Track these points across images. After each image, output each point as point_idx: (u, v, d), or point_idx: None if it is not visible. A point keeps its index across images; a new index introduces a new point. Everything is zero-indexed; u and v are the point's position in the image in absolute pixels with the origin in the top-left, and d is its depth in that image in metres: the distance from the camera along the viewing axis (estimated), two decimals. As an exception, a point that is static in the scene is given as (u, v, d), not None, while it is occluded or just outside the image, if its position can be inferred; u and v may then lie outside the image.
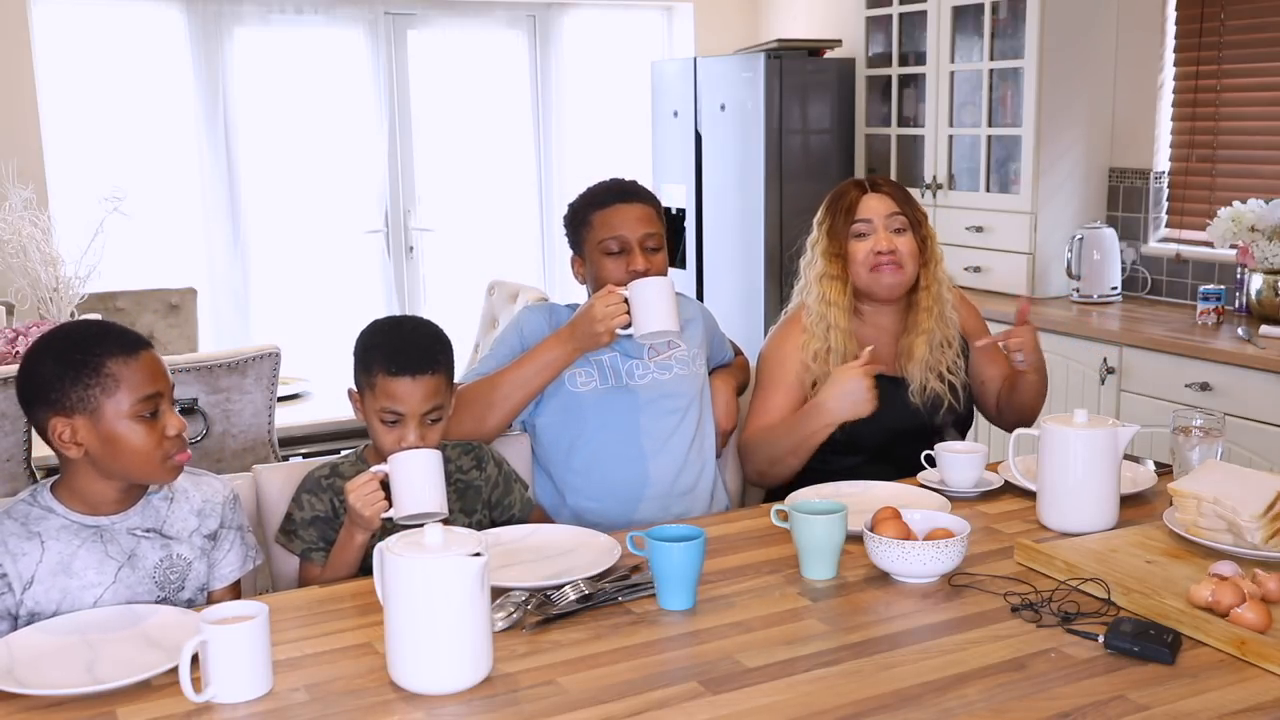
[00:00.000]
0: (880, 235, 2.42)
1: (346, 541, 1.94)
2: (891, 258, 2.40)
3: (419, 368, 1.99)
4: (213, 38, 5.22)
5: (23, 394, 1.77)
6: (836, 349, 2.38)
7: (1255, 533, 1.81)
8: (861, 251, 2.42)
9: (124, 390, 1.73)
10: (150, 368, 1.77)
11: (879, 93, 5.13)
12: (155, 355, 1.80)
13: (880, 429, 2.34)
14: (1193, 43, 4.22)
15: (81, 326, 1.83)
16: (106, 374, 1.72)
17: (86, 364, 1.72)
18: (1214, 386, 3.52)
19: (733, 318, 5.14)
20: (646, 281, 2.23)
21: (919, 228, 2.45)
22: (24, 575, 1.73)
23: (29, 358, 1.77)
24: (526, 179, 5.97)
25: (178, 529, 1.85)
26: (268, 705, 1.46)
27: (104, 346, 1.74)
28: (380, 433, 2.01)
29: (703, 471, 2.44)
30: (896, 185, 2.51)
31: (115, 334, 1.79)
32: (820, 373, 2.38)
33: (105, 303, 4.27)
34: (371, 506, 1.88)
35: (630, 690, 1.48)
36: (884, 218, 2.43)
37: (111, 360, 1.73)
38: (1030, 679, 1.50)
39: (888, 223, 2.43)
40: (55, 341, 1.77)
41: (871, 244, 2.42)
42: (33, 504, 1.78)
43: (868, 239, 2.43)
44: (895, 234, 2.42)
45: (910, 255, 2.42)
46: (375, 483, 1.89)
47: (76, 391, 1.72)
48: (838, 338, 2.39)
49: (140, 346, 1.78)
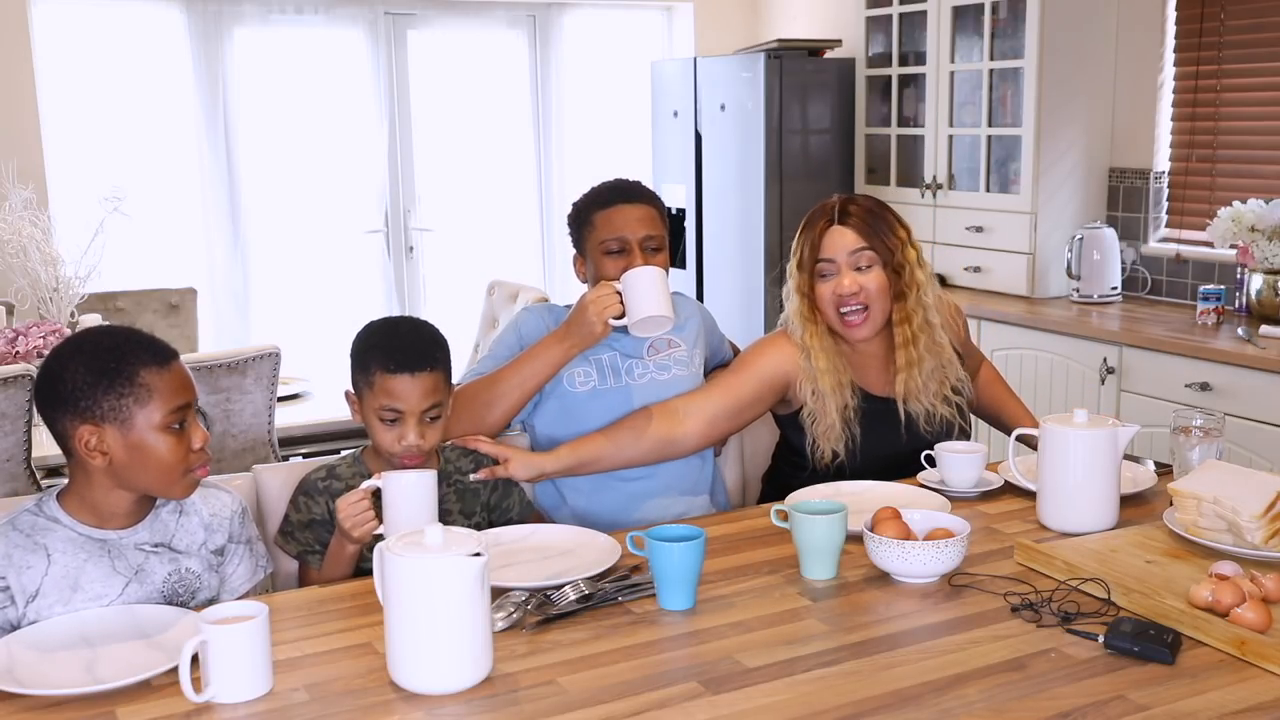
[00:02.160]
0: (843, 276, 2.29)
1: (338, 550, 1.95)
2: (855, 300, 2.28)
3: (417, 365, 1.99)
4: (213, 38, 5.22)
5: (46, 399, 1.74)
6: (821, 388, 2.31)
7: (1255, 533, 1.81)
8: (826, 294, 2.30)
9: (157, 401, 1.71)
10: (181, 379, 1.76)
11: (879, 93, 5.13)
12: (184, 366, 1.79)
13: (872, 461, 2.32)
14: (1193, 43, 4.22)
15: (112, 333, 1.80)
16: (140, 384, 1.70)
17: (120, 373, 1.70)
18: (1214, 386, 3.52)
19: (732, 318, 5.14)
20: (637, 270, 2.23)
21: (891, 258, 2.30)
22: (28, 589, 1.71)
23: (55, 362, 1.73)
24: (526, 179, 5.97)
25: (186, 543, 1.84)
26: (268, 705, 1.46)
27: (138, 356, 1.72)
28: (380, 431, 2.01)
29: (702, 471, 2.44)
30: (868, 212, 2.33)
31: (147, 343, 1.76)
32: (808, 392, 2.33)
33: (105, 303, 4.27)
34: (361, 527, 1.88)
35: (630, 690, 1.48)
36: (847, 255, 2.29)
37: (145, 371, 1.71)
38: (1030, 679, 1.50)
39: (851, 260, 2.29)
40: (85, 348, 1.74)
41: (834, 286, 2.29)
42: (38, 514, 1.76)
43: (830, 280, 2.30)
44: (859, 272, 2.28)
45: (879, 293, 2.28)
46: (366, 501, 1.88)
47: (109, 401, 1.69)
48: (823, 379, 2.30)
49: (171, 357, 1.77)
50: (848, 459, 2.32)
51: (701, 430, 2.31)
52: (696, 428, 2.30)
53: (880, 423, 2.34)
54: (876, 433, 2.33)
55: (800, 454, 2.38)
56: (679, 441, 2.30)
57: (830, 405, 2.30)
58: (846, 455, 2.31)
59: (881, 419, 2.34)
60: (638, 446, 2.28)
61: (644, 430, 2.28)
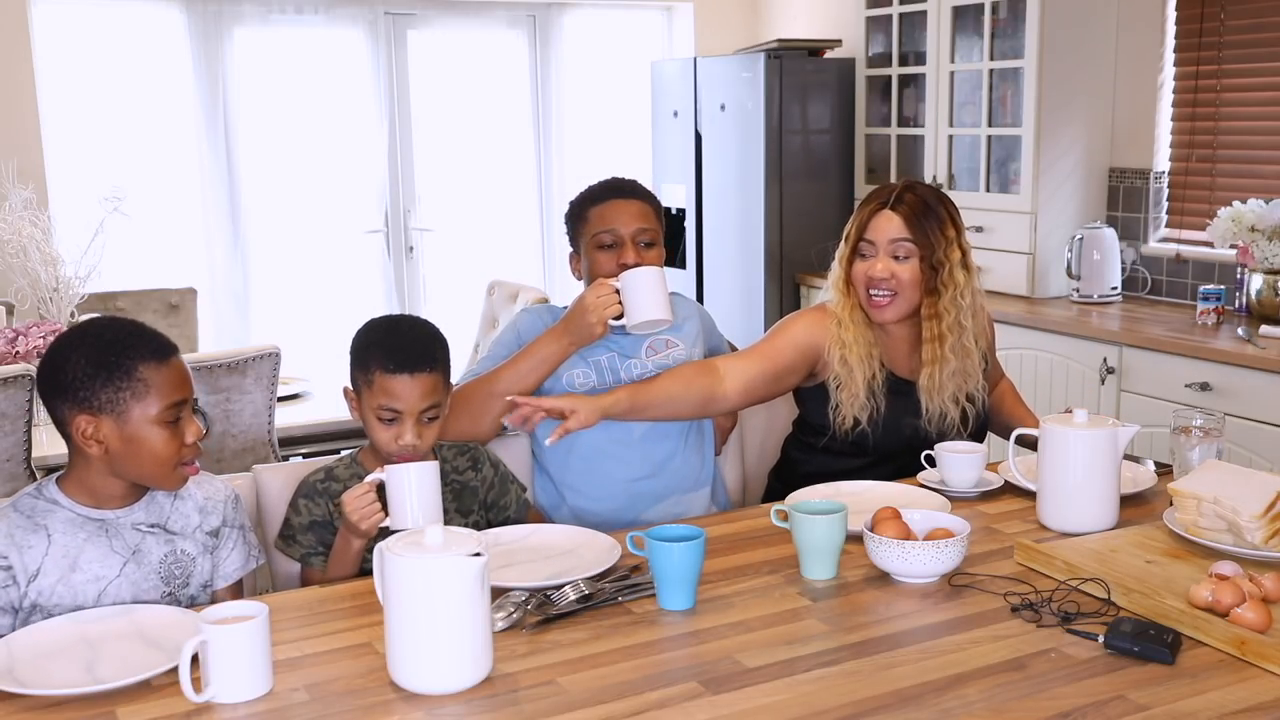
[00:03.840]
0: (879, 260, 2.32)
1: (343, 547, 1.95)
2: (884, 285, 2.31)
3: (417, 365, 1.99)
4: (213, 38, 5.22)
5: (47, 386, 1.77)
6: (850, 358, 2.33)
7: (1255, 533, 1.81)
8: (860, 273, 2.34)
9: (153, 396, 1.74)
10: (179, 374, 1.79)
11: (879, 93, 5.13)
12: (183, 361, 1.82)
13: (893, 436, 2.34)
14: (1193, 43, 4.22)
15: (113, 326, 1.83)
16: (138, 378, 1.74)
17: (119, 366, 1.73)
18: (1214, 386, 3.52)
19: (733, 318, 5.14)
20: (636, 271, 2.24)
21: (932, 253, 2.30)
22: (30, 568, 1.74)
23: (59, 351, 1.77)
24: (526, 179, 5.97)
25: (181, 525, 1.86)
26: (268, 705, 1.46)
27: (137, 350, 1.75)
28: (377, 430, 2.01)
29: (702, 471, 2.44)
30: (921, 202, 2.33)
31: (148, 337, 1.79)
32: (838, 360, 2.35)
33: (105, 303, 4.27)
34: (368, 520, 1.89)
35: (630, 690, 1.48)
36: (889, 241, 2.31)
37: (144, 365, 1.75)
38: (1030, 679, 1.50)
39: (890, 248, 2.31)
40: (89, 339, 1.77)
41: (868, 267, 2.33)
42: (38, 497, 1.79)
43: (867, 260, 2.33)
44: (896, 260, 2.31)
45: (911, 284, 2.31)
46: (371, 493, 1.89)
47: (107, 393, 1.73)
48: (852, 350, 2.33)
49: (170, 352, 1.80)
50: (870, 428, 2.33)
51: (740, 392, 2.34)
52: (735, 389, 2.33)
53: (903, 402, 2.35)
54: (898, 410, 2.35)
55: (817, 429, 2.39)
56: (719, 400, 2.33)
57: (858, 374, 2.33)
58: (869, 424, 2.33)
59: (904, 399, 2.35)
60: (686, 399, 2.31)
61: (691, 383, 2.31)
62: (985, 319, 2.46)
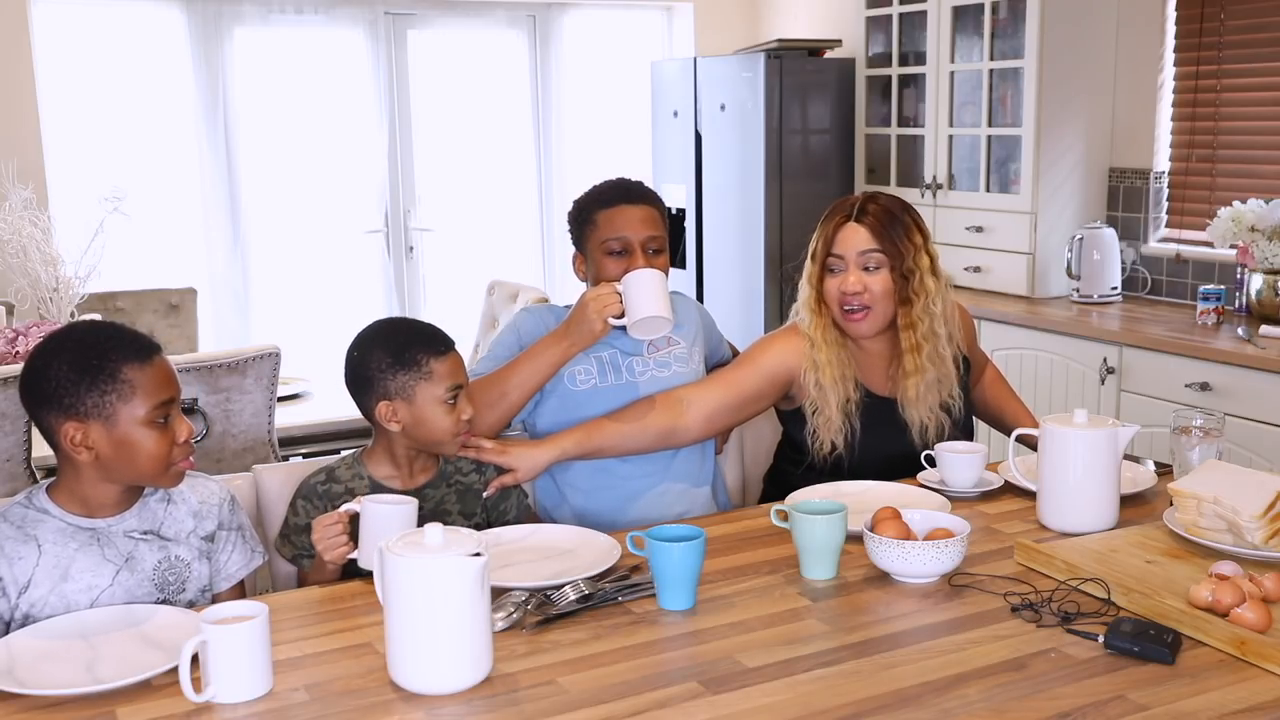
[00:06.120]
0: (850, 274, 2.29)
1: (319, 563, 1.93)
2: (858, 299, 2.28)
3: (450, 343, 2.07)
4: (213, 38, 5.22)
5: (31, 395, 1.75)
6: (823, 380, 2.31)
7: (1255, 533, 1.81)
8: (832, 289, 2.31)
9: (140, 397, 1.72)
10: (164, 373, 1.77)
11: (879, 93, 5.13)
12: (167, 360, 1.80)
13: (871, 457, 2.32)
14: (1193, 43, 4.22)
15: (93, 329, 1.81)
16: (123, 380, 1.72)
17: (103, 370, 1.71)
18: (1214, 386, 3.52)
19: (733, 318, 5.14)
20: (638, 272, 2.24)
21: (901, 262, 2.28)
22: (20, 579, 1.72)
23: (39, 359, 1.74)
24: (526, 179, 5.98)
25: (175, 530, 1.84)
26: (268, 705, 1.46)
27: (120, 352, 1.73)
28: (443, 415, 2.02)
29: (703, 467, 2.44)
30: (886, 212, 2.31)
31: (129, 339, 1.77)
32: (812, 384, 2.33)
33: (105, 303, 4.27)
34: (333, 551, 1.86)
35: (630, 690, 1.48)
36: (857, 254, 2.28)
37: (128, 366, 1.72)
38: (1030, 679, 1.50)
39: (860, 260, 2.28)
40: (69, 344, 1.75)
41: (840, 282, 2.30)
42: (28, 506, 1.77)
43: (837, 276, 2.30)
44: (866, 272, 2.28)
45: (884, 295, 2.28)
46: (340, 525, 1.86)
47: (92, 398, 1.70)
48: (825, 371, 2.31)
49: (153, 352, 1.77)
50: (846, 453, 2.32)
51: (702, 422, 2.32)
52: (697, 420, 2.31)
53: (881, 421, 2.34)
54: (876, 430, 2.33)
55: (800, 449, 2.38)
56: (680, 432, 2.31)
57: (831, 398, 2.31)
58: (845, 449, 2.32)
59: (882, 417, 2.34)
60: (642, 437, 2.29)
61: (647, 419, 2.28)
62: (957, 316, 2.44)
